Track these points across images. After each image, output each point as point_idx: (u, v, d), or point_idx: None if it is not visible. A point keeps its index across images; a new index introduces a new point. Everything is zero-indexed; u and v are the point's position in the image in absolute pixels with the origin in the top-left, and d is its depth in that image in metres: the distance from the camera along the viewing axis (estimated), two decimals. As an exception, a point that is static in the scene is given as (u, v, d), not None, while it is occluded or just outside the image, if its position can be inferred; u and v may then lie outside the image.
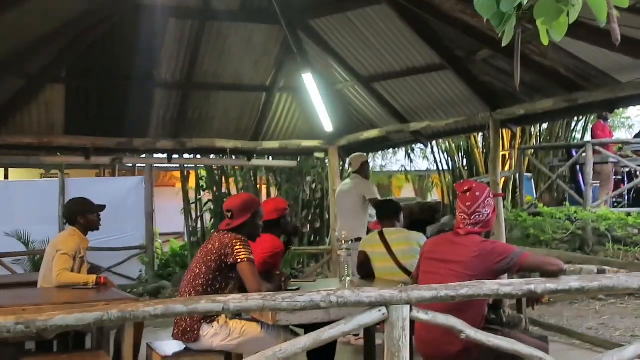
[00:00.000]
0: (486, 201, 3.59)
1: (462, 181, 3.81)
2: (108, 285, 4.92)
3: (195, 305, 2.76)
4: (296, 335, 4.15)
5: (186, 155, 9.50)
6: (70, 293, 4.59)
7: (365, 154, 8.19)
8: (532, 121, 8.35)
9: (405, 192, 20.29)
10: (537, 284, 3.20)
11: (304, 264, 11.60)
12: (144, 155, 9.52)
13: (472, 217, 3.57)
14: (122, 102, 7.93)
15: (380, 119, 8.83)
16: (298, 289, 4.39)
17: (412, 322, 3.00)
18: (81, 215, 5.14)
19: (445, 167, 14.96)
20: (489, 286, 3.13)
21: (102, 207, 5.26)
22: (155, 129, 8.47)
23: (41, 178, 17.16)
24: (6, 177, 17.47)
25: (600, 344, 6.16)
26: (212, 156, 9.62)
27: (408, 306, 3.02)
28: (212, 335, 3.89)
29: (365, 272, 5.18)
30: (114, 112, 8.02)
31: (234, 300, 2.85)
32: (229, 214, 4.20)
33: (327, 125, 8.76)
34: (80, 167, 16.13)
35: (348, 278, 4.58)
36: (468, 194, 3.59)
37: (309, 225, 12.17)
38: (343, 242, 4.68)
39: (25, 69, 7.33)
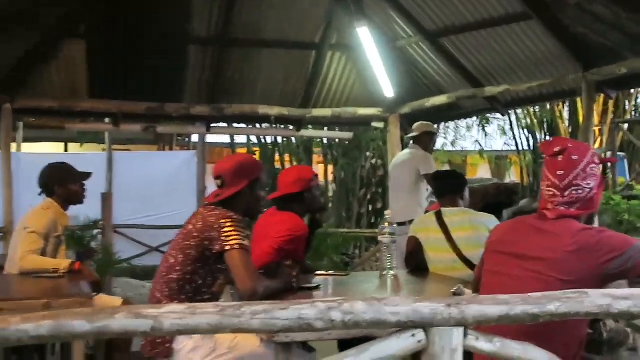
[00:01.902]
0: (589, 169, 2.36)
1: (551, 139, 2.56)
2: (84, 274, 3.86)
3: (97, 323, 1.69)
4: (310, 350, 3.06)
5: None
6: (28, 283, 3.61)
7: (430, 123, 6.94)
8: (635, 83, 6.93)
9: (481, 173, 18.77)
10: (674, 298, 2.01)
11: (361, 249, 10.39)
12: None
13: (567, 193, 2.34)
14: (150, 61, 6.96)
15: (450, 83, 7.57)
16: (317, 287, 3.29)
17: (468, 354, 1.87)
18: (59, 184, 4.11)
19: (525, 146, 13.53)
20: (594, 299, 1.95)
21: (87, 175, 4.26)
22: (190, 93, 7.49)
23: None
24: (65, 150, 17.08)
25: None
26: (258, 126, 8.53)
27: (461, 329, 1.89)
28: (191, 350, 2.80)
29: (416, 264, 3.97)
30: (142, 72, 7.06)
31: (173, 314, 1.78)
32: (219, 182, 3.09)
33: (387, 90, 7.55)
34: (140, 142, 15.54)
35: (391, 272, 3.44)
36: (561, 157, 2.36)
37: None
38: (387, 224, 3.54)
39: (40, 21, 6.43)
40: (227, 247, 2.83)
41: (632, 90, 12.60)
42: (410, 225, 4.33)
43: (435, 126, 7.90)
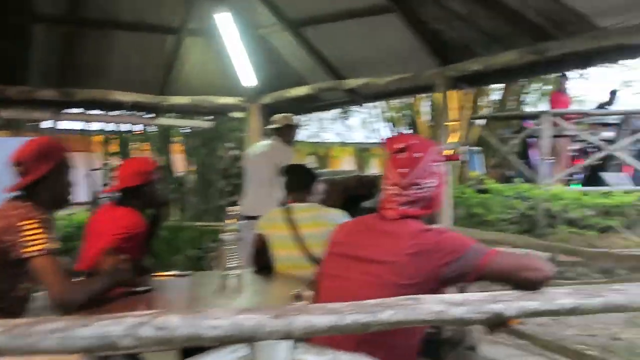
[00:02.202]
0: (431, 166, 2.28)
1: (395, 135, 2.44)
2: None
3: None
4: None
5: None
6: None
7: (293, 115, 6.77)
8: (490, 79, 7.11)
9: (345, 165, 18.99)
10: (508, 302, 1.96)
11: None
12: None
13: (409, 192, 2.24)
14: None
15: (312, 74, 7.45)
16: (150, 291, 3.04)
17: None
18: None
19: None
20: (429, 306, 1.86)
21: None
22: (35, 76, 6.89)
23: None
24: None
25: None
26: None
27: (290, 342, 1.74)
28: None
29: (263, 263, 3.79)
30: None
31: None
32: (20, 169, 2.73)
33: (248, 79, 7.33)
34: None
35: (233, 273, 3.24)
36: (403, 154, 2.26)
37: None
38: (230, 220, 3.34)
39: None
40: (31, 253, 2.50)
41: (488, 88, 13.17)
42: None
43: (298, 117, 7.77)
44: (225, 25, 6.79)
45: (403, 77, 6.67)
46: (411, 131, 12.98)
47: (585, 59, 5.49)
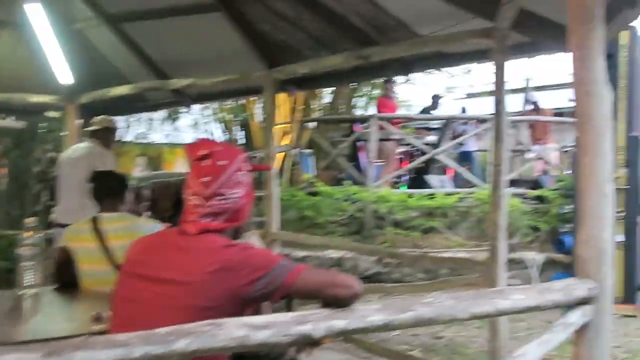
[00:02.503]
0: (237, 176, 2.10)
1: (197, 140, 2.24)
2: None
3: None
4: None
5: None
6: None
7: (112, 118, 6.34)
8: (317, 83, 7.13)
9: (178, 167, 18.45)
10: (316, 322, 1.83)
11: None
12: None
13: (212, 203, 2.05)
14: None
15: (134, 73, 7.06)
16: None
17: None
18: None
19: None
20: (230, 331, 1.68)
21: None
22: None
23: None
24: None
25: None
26: None
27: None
28: None
29: (66, 278, 3.43)
30: None
31: None
32: None
33: (64, 76, 6.80)
34: None
35: (30, 291, 2.89)
36: (206, 162, 2.07)
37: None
38: (27, 233, 2.99)
39: None
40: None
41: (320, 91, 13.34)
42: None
43: (123, 118, 7.33)
44: (36, 17, 6.24)
45: (230, 78, 6.46)
46: (244, 133, 12.84)
47: (407, 65, 5.62)
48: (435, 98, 11.93)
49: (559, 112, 11.05)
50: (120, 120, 12.91)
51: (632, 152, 6.84)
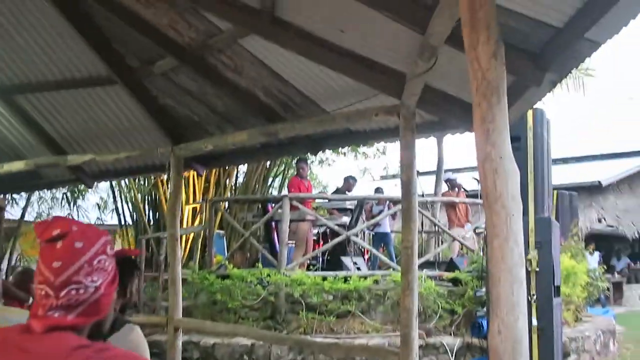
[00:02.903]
0: (98, 261, 1.77)
1: (50, 218, 1.88)
2: None
3: None
4: None
5: None
6: None
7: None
8: (224, 161, 6.84)
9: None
10: None
11: None
12: None
13: (64, 293, 1.70)
14: None
15: (28, 147, 6.62)
16: None
17: None
18: None
19: (130, 221, 12.95)
20: None
21: None
22: None
23: None
24: None
25: None
26: None
27: None
28: None
29: None
30: None
31: None
32: None
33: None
34: None
35: None
36: (60, 243, 1.74)
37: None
38: None
39: None
40: None
41: (232, 171, 13.07)
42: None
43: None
44: None
45: (132, 154, 6.10)
46: (154, 214, 12.33)
47: (316, 143, 5.44)
48: (348, 179, 11.85)
49: (475, 194, 11.10)
50: (18, 199, 12.28)
51: (542, 233, 6.80)
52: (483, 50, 2.39)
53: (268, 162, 13.24)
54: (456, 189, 11.89)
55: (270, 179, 13.68)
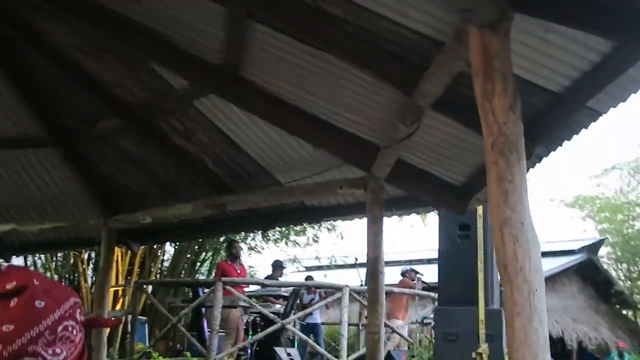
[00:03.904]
0: (62, 328, 1.32)
1: (3, 268, 1.43)
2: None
3: None
4: None
5: None
6: None
7: None
8: (162, 236, 6.34)
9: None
10: None
11: None
12: None
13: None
14: None
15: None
16: None
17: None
18: None
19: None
20: None
21: None
22: None
23: None
24: None
25: None
26: None
27: None
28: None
29: None
30: None
31: None
32: None
33: None
34: None
35: None
36: (14, 301, 1.29)
37: None
38: None
39: None
40: None
41: (159, 252, 12.42)
42: None
43: None
44: None
45: (59, 226, 5.56)
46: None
47: (268, 218, 5.04)
48: (278, 265, 11.34)
49: (430, 287, 10.72)
50: None
51: (493, 325, 6.51)
52: (499, 102, 2.12)
53: (197, 246, 12.66)
54: (414, 281, 11.43)
55: (199, 264, 13.05)
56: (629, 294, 23.33)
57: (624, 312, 23.72)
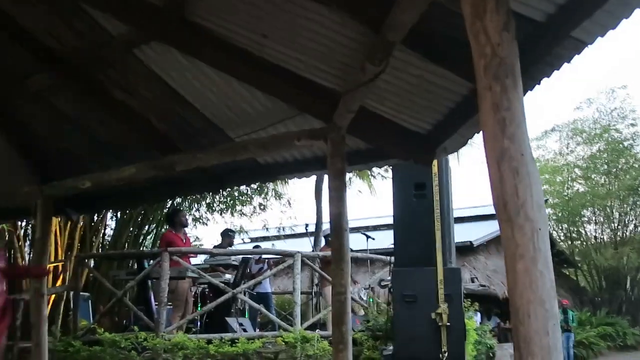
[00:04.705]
0: None
1: None
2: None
3: None
4: None
5: None
6: None
7: None
8: (104, 204, 5.93)
9: None
10: None
11: None
12: None
13: None
14: None
15: None
16: None
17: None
18: None
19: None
20: None
21: None
22: None
23: None
24: None
25: None
26: None
27: None
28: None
29: None
30: None
31: None
32: None
33: None
34: None
35: None
36: None
37: None
38: None
39: None
40: None
41: (100, 225, 11.91)
42: None
43: None
44: None
45: (-10, 195, 5.13)
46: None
47: (219, 179, 4.71)
48: (227, 233, 10.98)
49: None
50: None
51: (452, 285, 6.37)
52: (492, 20, 1.87)
53: (139, 218, 12.18)
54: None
55: (142, 237, 12.57)
56: (569, 253, 23.87)
57: (566, 271, 24.29)
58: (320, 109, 3.54)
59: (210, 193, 7.65)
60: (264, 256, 11.21)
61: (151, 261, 8.84)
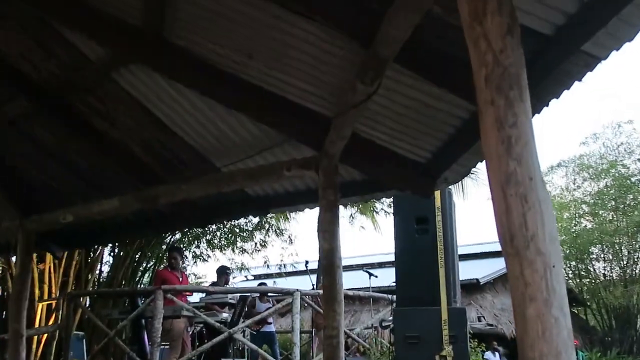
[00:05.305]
0: None
1: None
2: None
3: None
4: None
5: None
6: None
7: None
8: (88, 239, 5.66)
9: None
10: None
11: None
12: None
13: None
14: None
15: None
16: None
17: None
18: None
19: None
20: None
21: None
22: None
23: None
24: None
25: None
26: None
27: None
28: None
29: None
30: None
31: None
32: None
33: None
34: None
35: None
36: None
37: None
38: None
39: None
40: None
41: (97, 262, 11.61)
42: None
43: None
44: None
45: (-33, 231, 4.86)
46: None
47: (206, 212, 4.44)
48: (224, 271, 10.64)
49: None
50: None
51: (457, 326, 6.04)
52: (494, 23, 1.61)
53: (137, 255, 11.89)
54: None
55: (139, 274, 12.26)
56: (577, 292, 23.35)
57: (575, 310, 23.75)
58: (310, 135, 3.28)
59: (201, 228, 7.34)
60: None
61: (145, 299, 8.53)
